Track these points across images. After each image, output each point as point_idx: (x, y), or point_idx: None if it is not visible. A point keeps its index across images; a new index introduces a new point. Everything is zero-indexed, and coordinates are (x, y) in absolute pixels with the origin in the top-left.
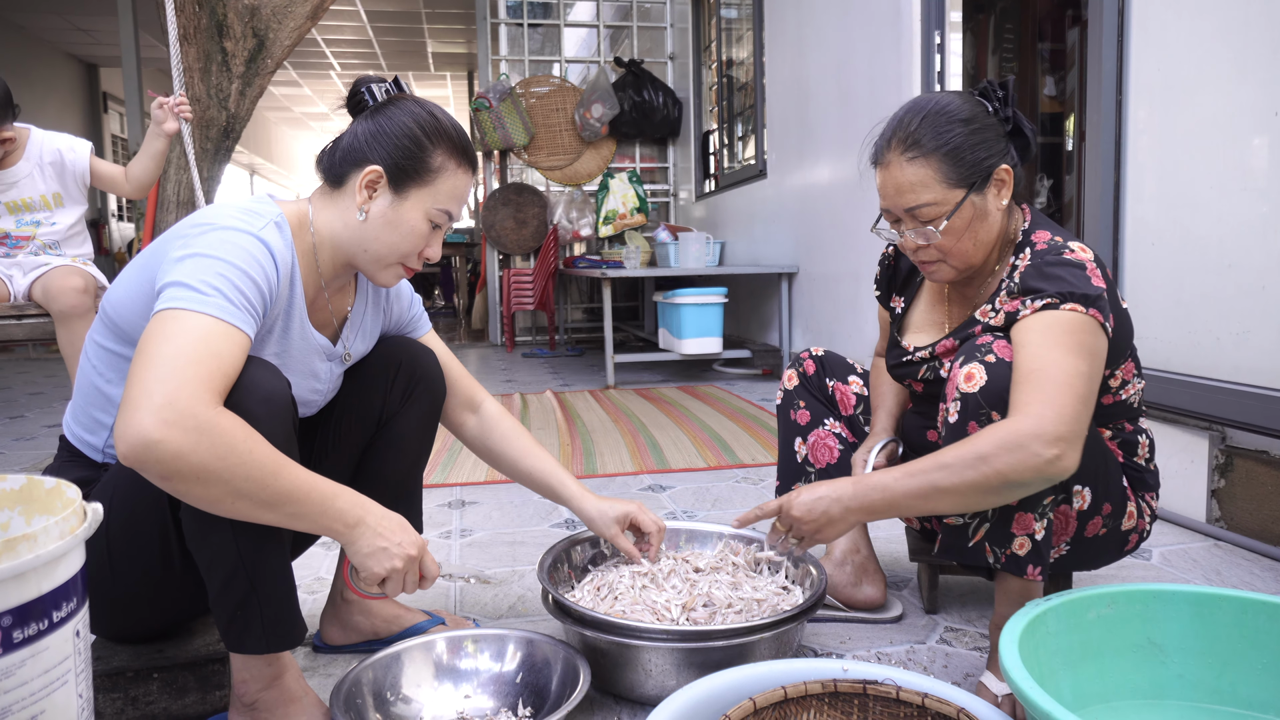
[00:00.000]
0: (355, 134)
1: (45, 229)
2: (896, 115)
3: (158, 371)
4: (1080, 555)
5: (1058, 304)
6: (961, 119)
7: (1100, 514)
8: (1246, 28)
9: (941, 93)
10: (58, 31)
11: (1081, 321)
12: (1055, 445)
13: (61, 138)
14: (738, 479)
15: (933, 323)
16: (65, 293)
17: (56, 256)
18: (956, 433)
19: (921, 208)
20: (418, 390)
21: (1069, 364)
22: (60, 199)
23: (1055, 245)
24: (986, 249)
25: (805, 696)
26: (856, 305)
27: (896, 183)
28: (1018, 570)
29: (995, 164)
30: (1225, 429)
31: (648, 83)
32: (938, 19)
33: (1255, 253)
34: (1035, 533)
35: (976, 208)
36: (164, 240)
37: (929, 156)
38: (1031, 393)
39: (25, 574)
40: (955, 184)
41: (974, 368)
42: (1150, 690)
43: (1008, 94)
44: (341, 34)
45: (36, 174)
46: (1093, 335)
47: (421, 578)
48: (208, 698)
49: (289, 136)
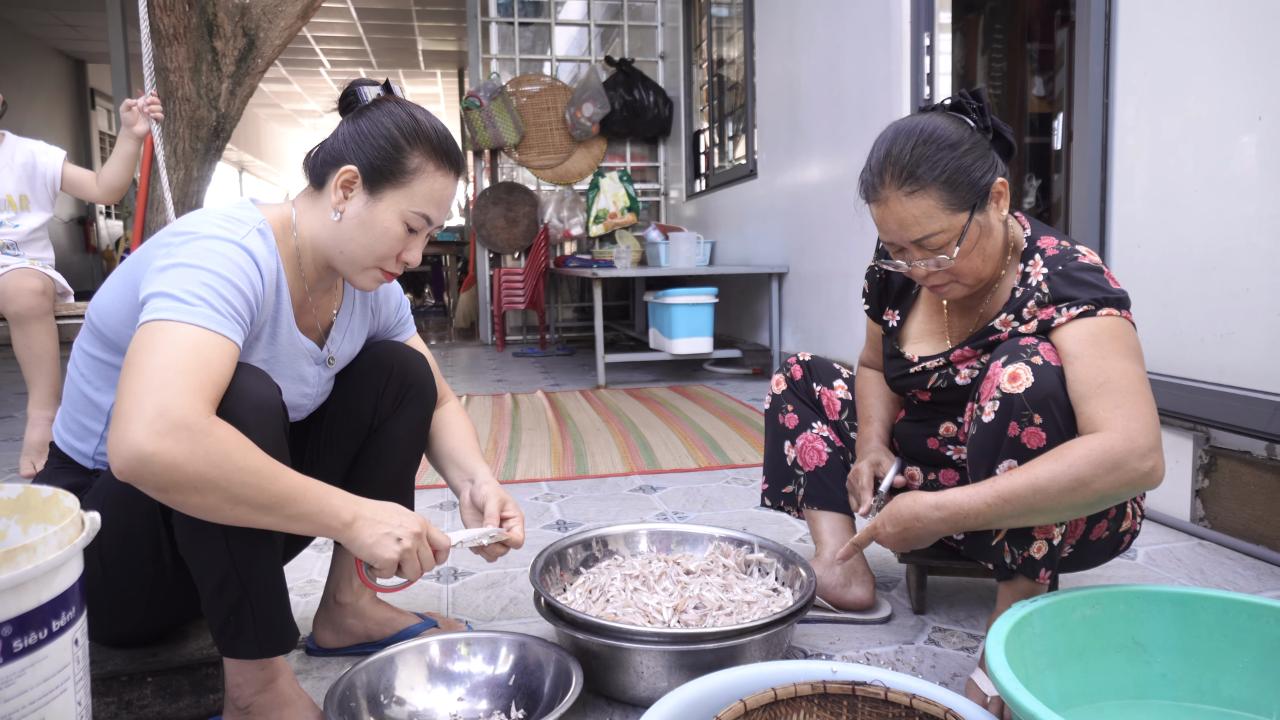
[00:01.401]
0: (337, 135)
1: (6, 230)
2: (882, 148)
3: (148, 383)
4: (1081, 557)
5: (1094, 310)
6: (951, 143)
7: (1107, 516)
8: (1231, 30)
9: (924, 116)
10: (45, 27)
11: (1122, 325)
12: (1149, 457)
13: (36, 143)
14: (728, 479)
15: (932, 333)
16: (22, 294)
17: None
18: (992, 433)
19: (929, 238)
20: (409, 396)
21: (1131, 371)
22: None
23: (1066, 250)
24: (995, 261)
25: (795, 698)
26: (846, 305)
27: (899, 218)
28: (1031, 572)
29: (991, 179)
30: (1209, 430)
31: (639, 82)
32: (927, 20)
33: (1240, 254)
34: (1053, 537)
35: (981, 226)
36: (147, 248)
37: (928, 188)
38: (1110, 408)
39: (24, 584)
40: (958, 209)
41: (1020, 368)
42: (1134, 690)
43: (983, 103)
44: (332, 31)
45: (6, 173)
46: (1134, 337)
47: (435, 552)
48: (201, 701)
49: (279, 134)
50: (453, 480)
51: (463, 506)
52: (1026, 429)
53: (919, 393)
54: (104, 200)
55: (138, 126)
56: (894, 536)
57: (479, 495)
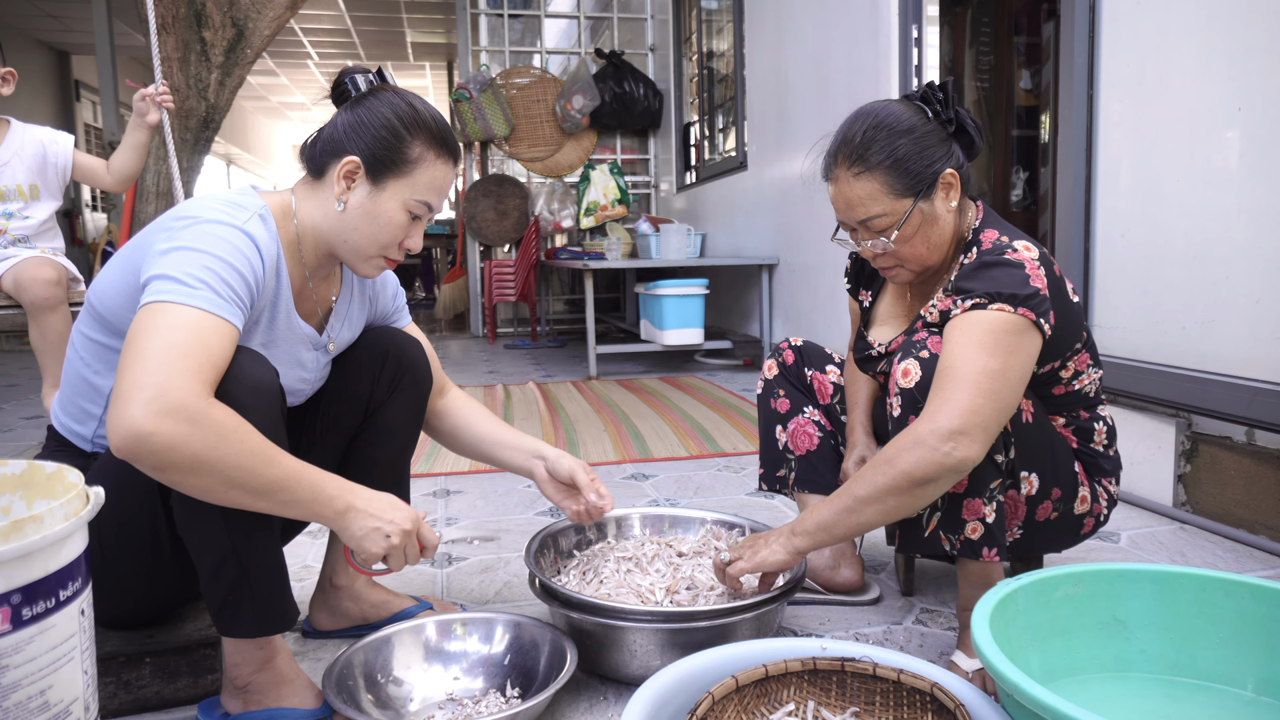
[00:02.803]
0: (335, 125)
1: (17, 222)
2: (840, 130)
3: (147, 364)
4: (1034, 539)
5: (985, 304)
6: (902, 130)
7: (1050, 498)
8: (1211, 24)
9: (885, 101)
10: (28, 18)
11: (1006, 320)
12: (950, 439)
13: (44, 130)
14: (719, 467)
15: (896, 315)
16: (37, 284)
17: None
18: (900, 426)
19: (872, 219)
20: (405, 380)
21: (979, 362)
22: (37, 191)
23: (999, 245)
24: (941, 249)
25: (786, 674)
26: (835, 296)
27: (846, 198)
28: (973, 554)
29: (940, 169)
30: (1191, 416)
31: (628, 74)
32: (915, 13)
33: (1219, 244)
34: (986, 516)
35: (925, 214)
36: (148, 232)
37: (874, 171)
38: (935, 393)
39: (33, 554)
40: (902, 194)
41: (910, 363)
42: (1114, 664)
43: (948, 95)
44: (319, 24)
45: (16, 163)
46: (1017, 334)
47: (422, 549)
48: (199, 681)
49: (266, 126)
50: (513, 462)
51: (541, 483)
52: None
53: (877, 375)
54: (115, 189)
55: (150, 115)
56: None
57: (562, 469)
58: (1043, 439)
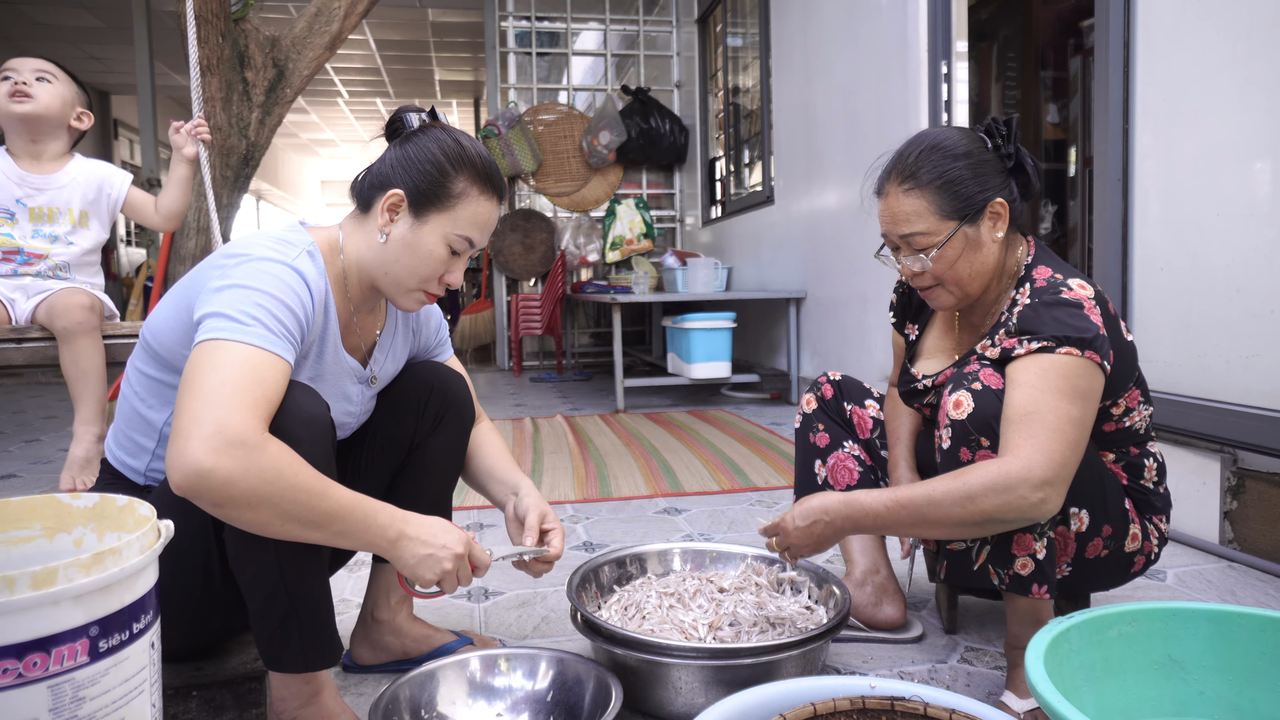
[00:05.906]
0: (385, 160)
1: (60, 248)
2: (899, 149)
3: (205, 400)
4: (1084, 576)
5: (1053, 348)
6: (957, 154)
7: (1100, 535)
8: (1250, 59)
9: (944, 128)
10: (71, 60)
11: (1077, 365)
12: (1041, 489)
13: (106, 165)
14: (752, 502)
15: (943, 350)
16: (71, 309)
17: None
18: (950, 459)
19: (915, 236)
20: (449, 415)
21: (1062, 409)
22: (86, 219)
23: (1054, 283)
24: (983, 279)
25: (834, 713)
26: (864, 330)
27: (893, 212)
28: (1022, 590)
29: (990, 197)
30: (1236, 451)
31: (654, 110)
32: (944, 48)
33: (1262, 277)
34: (1036, 552)
35: (969, 238)
36: (200, 269)
37: (924, 189)
38: (1024, 436)
39: (110, 586)
40: (948, 215)
41: (961, 395)
42: (1172, 707)
43: (1011, 131)
44: (350, 62)
45: (73, 187)
46: (1088, 378)
47: (474, 568)
48: (244, 715)
49: (296, 163)
50: (495, 495)
51: (508, 520)
52: (978, 452)
53: (921, 408)
54: (162, 228)
55: (186, 149)
56: (801, 531)
57: (521, 508)
58: (1093, 475)
